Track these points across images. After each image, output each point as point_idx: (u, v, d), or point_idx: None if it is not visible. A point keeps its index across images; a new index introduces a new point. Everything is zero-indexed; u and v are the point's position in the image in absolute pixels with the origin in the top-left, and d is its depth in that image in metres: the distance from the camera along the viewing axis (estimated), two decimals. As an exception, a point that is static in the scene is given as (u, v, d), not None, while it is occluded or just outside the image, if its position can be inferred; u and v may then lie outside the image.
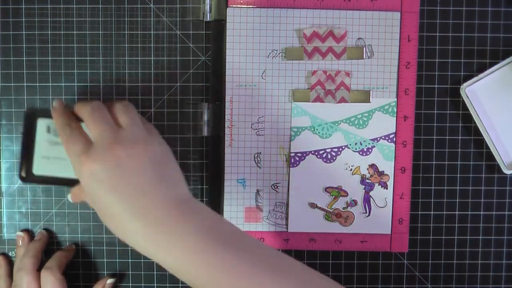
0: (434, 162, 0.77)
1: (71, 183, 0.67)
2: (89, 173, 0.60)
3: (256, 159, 0.76)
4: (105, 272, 0.78)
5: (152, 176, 0.61)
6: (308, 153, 0.76)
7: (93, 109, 0.64)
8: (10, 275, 0.76)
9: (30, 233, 0.77)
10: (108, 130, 0.62)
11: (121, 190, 0.60)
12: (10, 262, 0.77)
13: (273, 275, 0.58)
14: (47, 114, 0.67)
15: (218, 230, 0.60)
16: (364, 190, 0.76)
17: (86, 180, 0.61)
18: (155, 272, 0.78)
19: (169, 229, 0.59)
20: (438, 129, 0.77)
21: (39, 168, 0.67)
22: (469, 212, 0.78)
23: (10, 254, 0.78)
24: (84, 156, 0.61)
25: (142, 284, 0.78)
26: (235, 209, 0.76)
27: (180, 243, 0.58)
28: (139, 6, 0.76)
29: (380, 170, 0.76)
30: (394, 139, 0.76)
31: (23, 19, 0.75)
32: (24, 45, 0.75)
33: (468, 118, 0.76)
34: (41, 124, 0.67)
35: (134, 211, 0.59)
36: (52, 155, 0.67)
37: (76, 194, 0.67)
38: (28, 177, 0.67)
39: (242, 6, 0.74)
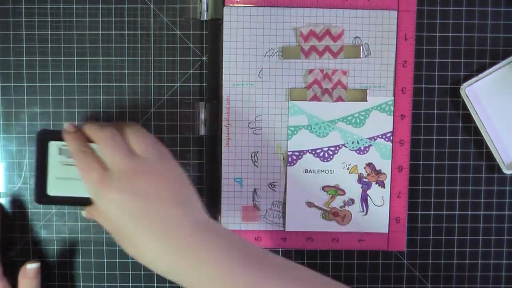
0: (434, 162, 0.77)
1: (86, 202, 0.65)
2: (108, 201, 0.60)
3: (253, 158, 0.76)
4: (105, 272, 0.78)
5: (173, 203, 0.61)
6: (305, 152, 0.76)
7: (106, 136, 0.63)
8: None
9: None
10: (124, 158, 0.62)
11: (143, 219, 0.60)
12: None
13: None
14: (57, 137, 0.66)
15: (245, 252, 0.61)
16: (361, 189, 0.76)
17: (105, 208, 0.61)
18: (155, 272, 0.78)
19: (195, 254, 0.59)
20: (438, 129, 0.77)
21: (53, 189, 0.67)
22: (469, 212, 0.77)
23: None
24: (101, 185, 0.61)
25: (142, 284, 0.78)
26: (232, 208, 0.76)
27: (206, 267, 0.59)
28: (139, 6, 0.76)
29: (377, 169, 0.76)
30: (391, 138, 0.76)
31: (23, 19, 0.76)
32: (24, 45, 0.76)
33: (468, 118, 0.76)
34: (53, 146, 0.67)
35: (158, 238, 0.59)
36: (66, 175, 0.67)
37: (91, 213, 0.66)
38: (43, 198, 0.67)
39: (239, 5, 0.74)
